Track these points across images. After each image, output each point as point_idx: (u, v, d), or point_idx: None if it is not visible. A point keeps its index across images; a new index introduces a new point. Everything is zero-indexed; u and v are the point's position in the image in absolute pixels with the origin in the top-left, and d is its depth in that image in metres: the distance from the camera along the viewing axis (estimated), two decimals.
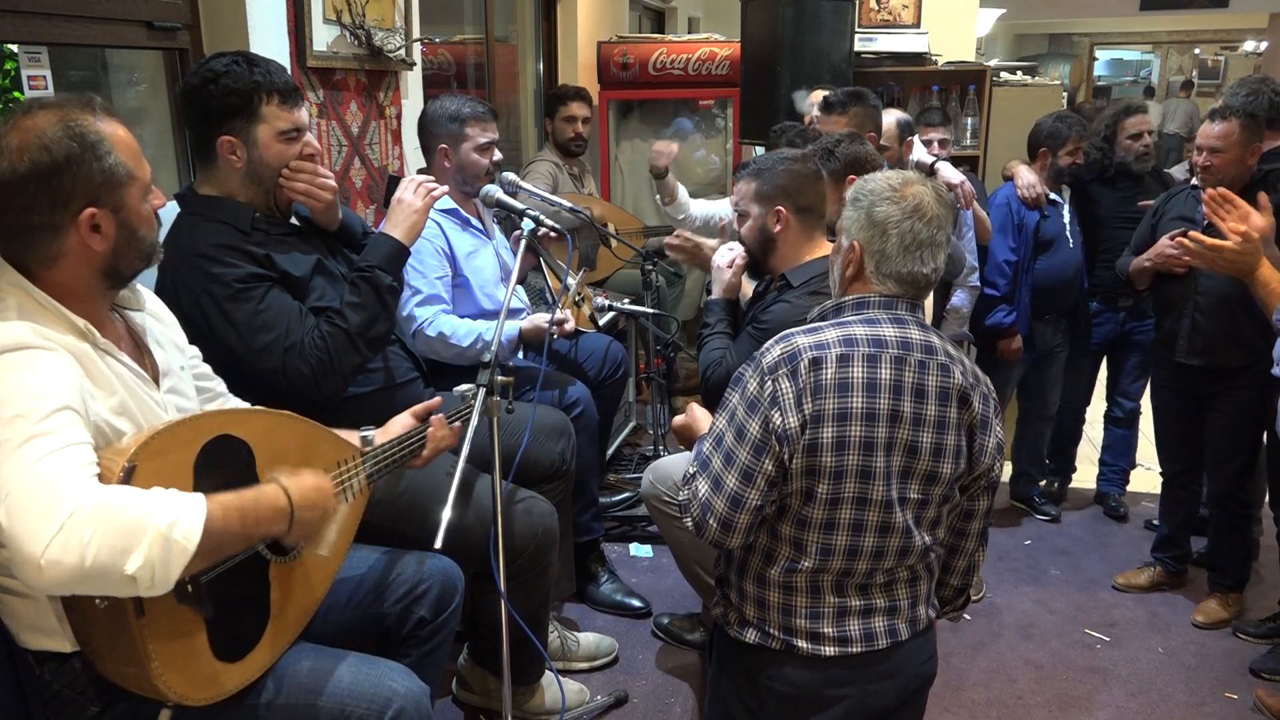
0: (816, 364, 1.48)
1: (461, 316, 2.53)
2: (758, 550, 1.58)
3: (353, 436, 1.74)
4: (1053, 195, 3.41)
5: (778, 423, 1.47)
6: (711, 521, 1.52)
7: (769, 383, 1.49)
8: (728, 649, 1.66)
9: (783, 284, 2.18)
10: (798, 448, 1.48)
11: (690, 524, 1.56)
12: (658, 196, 3.42)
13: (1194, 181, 2.93)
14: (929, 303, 2.57)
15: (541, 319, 2.50)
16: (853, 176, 2.44)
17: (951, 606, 1.75)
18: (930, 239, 1.54)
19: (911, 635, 1.59)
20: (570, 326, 2.51)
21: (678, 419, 1.88)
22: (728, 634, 1.64)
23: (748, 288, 2.43)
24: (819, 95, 3.30)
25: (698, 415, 1.83)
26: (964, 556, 1.69)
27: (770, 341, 1.55)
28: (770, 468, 1.48)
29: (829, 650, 1.55)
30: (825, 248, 2.19)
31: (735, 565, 1.63)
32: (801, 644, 1.55)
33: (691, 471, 1.58)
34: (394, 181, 2.10)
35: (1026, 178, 3.37)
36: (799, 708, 1.58)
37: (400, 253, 2.00)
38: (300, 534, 1.40)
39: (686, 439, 1.86)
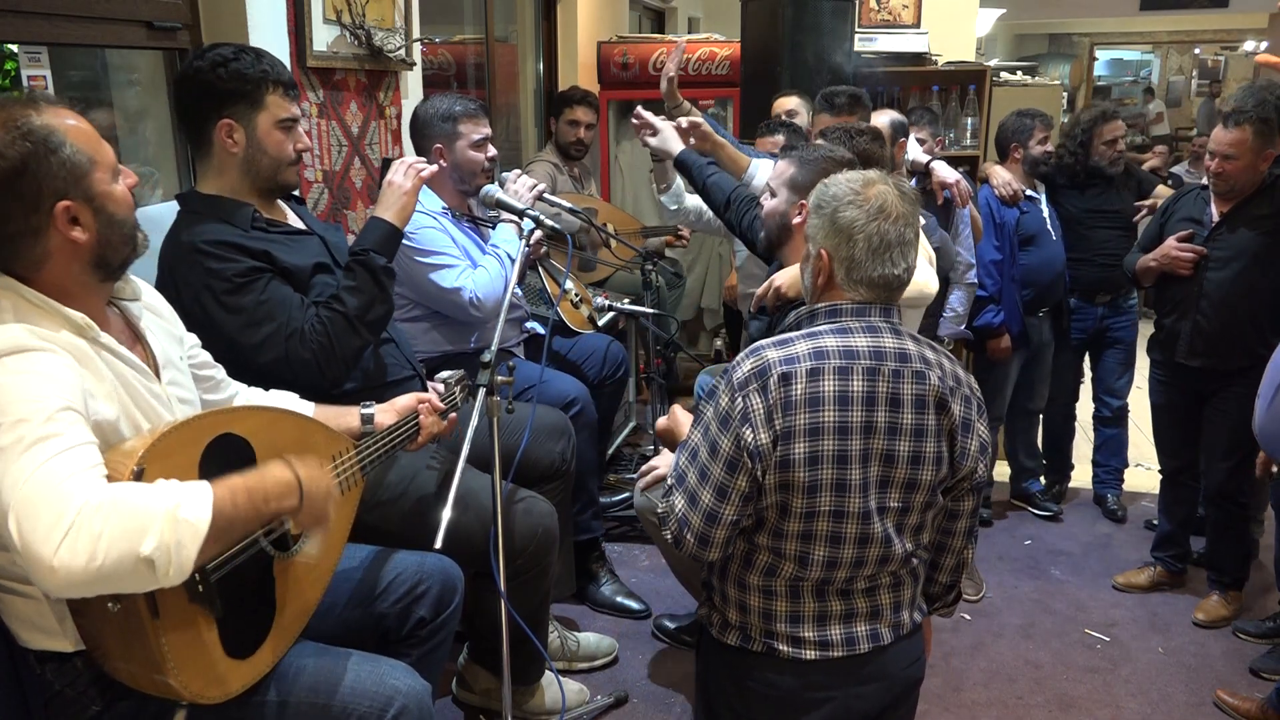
0: (786, 379, 1.46)
1: None
2: (737, 556, 1.58)
3: (353, 414, 1.75)
4: (1029, 191, 3.45)
5: (749, 439, 1.46)
6: (689, 536, 1.51)
7: (739, 399, 1.47)
8: (711, 650, 1.65)
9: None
10: (770, 463, 1.46)
11: (669, 537, 1.55)
12: (653, 185, 3.30)
13: (1204, 181, 2.93)
14: (917, 320, 2.56)
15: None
16: None
17: (943, 603, 1.74)
18: (899, 238, 1.51)
19: (895, 639, 1.58)
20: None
21: (661, 421, 1.86)
22: (711, 635, 1.64)
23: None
24: (787, 102, 3.44)
25: (680, 419, 1.81)
26: (952, 554, 1.68)
27: (742, 354, 1.53)
28: (744, 484, 1.47)
29: (810, 654, 1.54)
30: None
31: (717, 569, 1.62)
32: (782, 647, 1.55)
33: (669, 484, 1.57)
34: (388, 165, 2.12)
35: (1002, 176, 3.43)
36: (782, 710, 1.57)
37: (393, 235, 2.01)
38: (309, 514, 1.36)
39: (669, 442, 1.85)
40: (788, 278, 2.15)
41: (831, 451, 1.47)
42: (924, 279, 2.23)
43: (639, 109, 2.82)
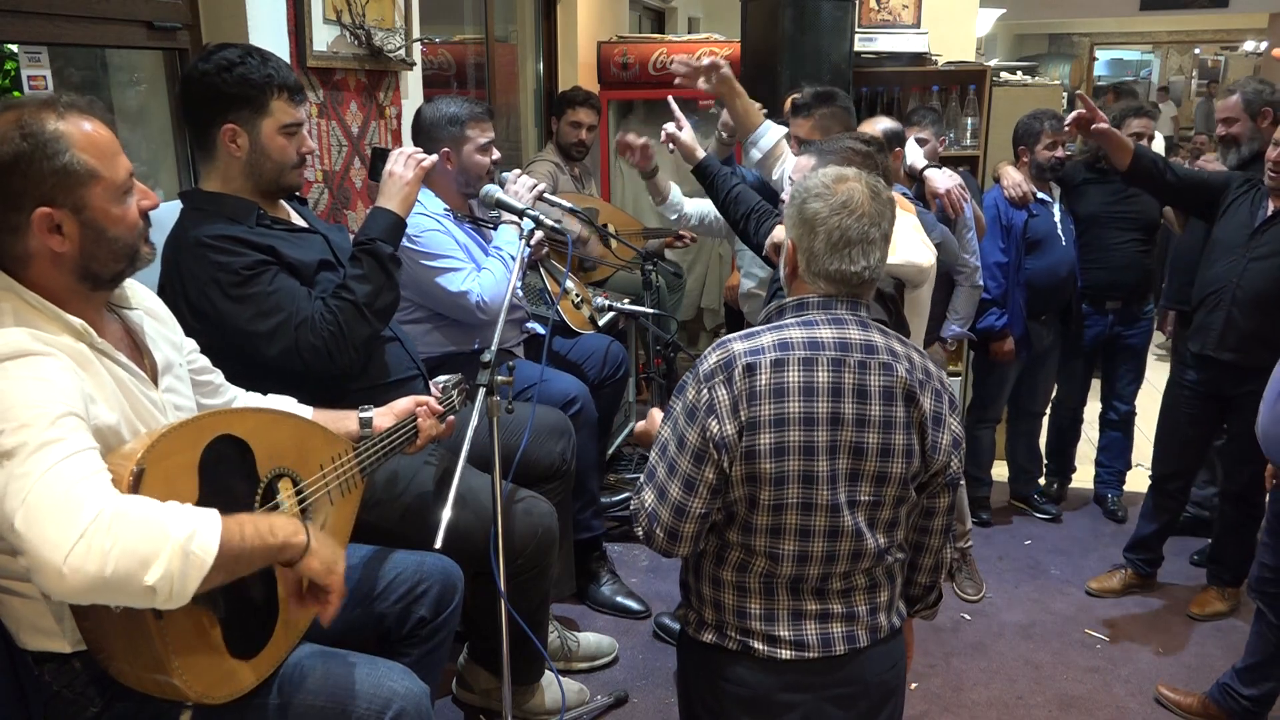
0: (751, 370, 1.47)
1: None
2: (710, 553, 1.57)
3: (351, 417, 1.75)
4: (1041, 195, 3.43)
5: (715, 430, 1.46)
6: (658, 531, 1.51)
7: (705, 390, 1.48)
8: (688, 649, 1.65)
9: None
10: (736, 455, 1.46)
11: (639, 533, 1.55)
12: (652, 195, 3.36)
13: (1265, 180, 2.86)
14: (928, 303, 2.55)
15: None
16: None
17: (923, 604, 1.73)
18: (862, 235, 1.50)
19: (872, 643, 1.57)
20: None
21: (639, 424, 1.86)
22: (688, 634, 1.64)
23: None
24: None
25: (656, 420, 1.80)
26: (930, 554, 1.68)
27: (709, 348, 1.54)
28: (712, 476, 1.48)
29: (785, 654, 1.53)
30: None
31: (692, 568, 1.62)
32: (758, 645, 1.54)
33: (640, 480, 1.58)
34: (380, 154, 2.12)
35: (1012, 177, 3.41)
36: (756, 711, 1.56)
37: (398, 224, 2.03)
38: (311, 567, 1.35)
39: (648, 444, 1.85)
40: (783, 232, 2.24)
41: (797, 442, 1.46)
42: (912, 252, 2.22)
43: (671, 100, 2.80)
